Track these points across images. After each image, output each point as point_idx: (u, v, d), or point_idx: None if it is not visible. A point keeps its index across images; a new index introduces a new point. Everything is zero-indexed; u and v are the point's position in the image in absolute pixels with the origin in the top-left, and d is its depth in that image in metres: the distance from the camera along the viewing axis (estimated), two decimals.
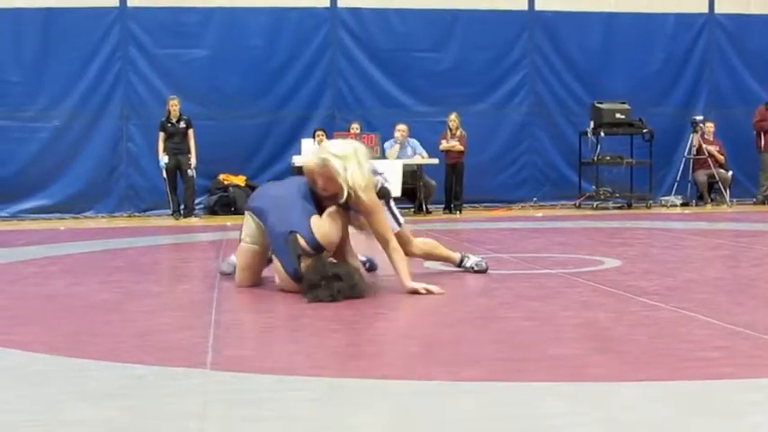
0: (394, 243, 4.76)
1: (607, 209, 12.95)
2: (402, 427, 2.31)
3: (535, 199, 14.03)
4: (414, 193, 12.83)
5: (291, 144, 13.40)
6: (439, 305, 4.54)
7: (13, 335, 3.70)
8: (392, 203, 5.23)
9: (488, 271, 5.37)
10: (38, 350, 3.37)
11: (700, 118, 13.85)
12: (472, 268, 5.40)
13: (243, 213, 5.10)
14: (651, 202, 13.47)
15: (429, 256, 5.50)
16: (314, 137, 13.05)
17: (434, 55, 14.05)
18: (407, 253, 5.04)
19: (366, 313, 4.28)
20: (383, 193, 5.05)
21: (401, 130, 12.97)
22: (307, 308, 4.29)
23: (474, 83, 14.01)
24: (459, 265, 5.46)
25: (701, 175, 13.72)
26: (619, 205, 13.31)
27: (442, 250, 5.50)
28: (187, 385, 2.88)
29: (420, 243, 5.36)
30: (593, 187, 13.39)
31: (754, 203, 13.67)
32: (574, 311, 4.12)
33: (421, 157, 12.94)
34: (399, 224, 5.18)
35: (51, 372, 3.09)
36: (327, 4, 13.91)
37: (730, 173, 13.84)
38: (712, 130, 13.86)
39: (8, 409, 2.58)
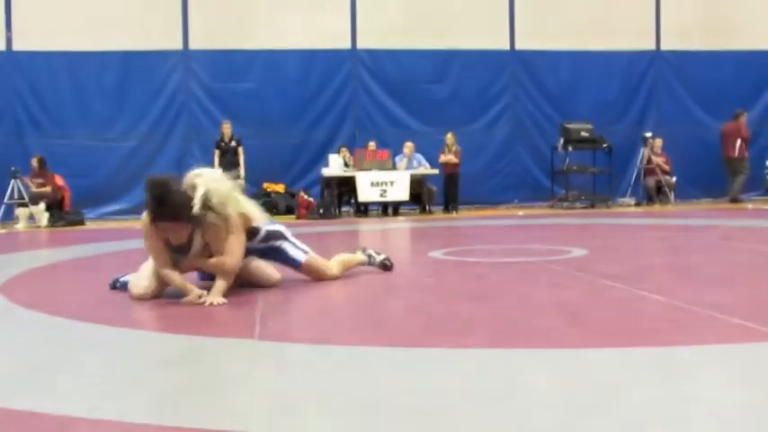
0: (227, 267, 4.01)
1: (575, 209, 12.91)
2: (415, 387, 2.30)
3: (516, 201, 14.01)
4: (419, 197, 12.82)
5: (321, 158, 13.43)
6: (441, 287, 4.53)
7: (100, 312, 3.71)
8: (291, 238, 4.53)
9: (478, 260, 5.32)
10: (116, 324, 3.36)
11: (649, 134, 13.81)
12: (385, 265, 4.89)
13: (283, 214, 5.02)
14: (610, 202, 13.41)
15: (347, 269, 4.75)
16: (338, 152, 13.08)
17: (435, 86, 14.05)
18: (329, 278, 4.49)
19: (380, 294, 4.27)
20: (276, 235, 4.43)
21: (408, 146, 12.97)
22: (334, 290, 4.27)
23: (467, 108, 14.01)
24: (369, 263, 4.90)
25: (651, 181, 13.66)
26: (584, 205, 13.25)
27: (353, 258, 4.82)
28: (238, 352, 2.88)
29: (334, 265, 4.62)
30: (564, 191, 13.35)
31: (730, 202, 13.53)
32: (550, 291, 4.11)
33: (424, 168, 12.94)
34: (306, 252, 4.52)
35: (127, 343, 3.10)
36: (349, 47, 13.90)
37: (674, 179, 13.79)
38: (660, 144, 13.80)
39: (100, 373, 2.58)
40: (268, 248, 4.45)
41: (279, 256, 4.49)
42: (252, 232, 4.27)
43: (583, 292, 4.05)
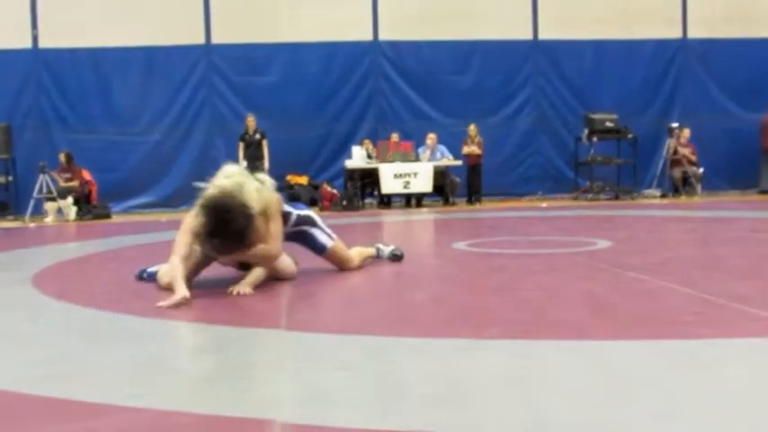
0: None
1: (599, 200, 12.84)
2: (440, 377, 2.32)
3: (540, 192, 13.96)
4: (442, 189, 12.82)
5: (344, 150, 13.48)
6: (464, 279, 4.54)
7: (129, 303, 3.76)
8: (320, 223, 4.60)
9: (501, 251, 5.32)
10: (145, 314, 3.41)
11: (675, 125, 13.67)
12: (395, 255, 4.97)
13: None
14: (635, 194, 13.32)
15: (364, 261, 4.83)
16: (361, 144, 13.11)
17: (457, 77, 14.01)
18: (348, 268, 4.58)
19: (404, 285, 4.29)
20: (308, 221, 4.51)
21: (431, 138, 12.97)
22: (358, 281, 4.30)
23: (489, 99, 13.96)
24: (378, 256, 4.99)
25: (677, 172, 13.54)
26: (608, 197, 13.18)
27: (367, 251, 4.91)
28: (266, 342, 2.91)
29: (355, 255, 4.72)
30: (588, 182, 13.28)
31: (759, 193, 13.40)
32: (575, 283, 4.10)
33: (447, 160, 12.93)
34: (332, 239, 4.59)
35: (156, 332, 3.15)
36: (370, 38, 13.90)
37: (701, 170, 13.65)
38: (686, 134, 13.68)
39: (130, 362, 2.62)
40: (297, 232, 4.49)
41: (305, 240, 4.54)
42: (284, 217, 4.30)
43: (608, 283, 4.04)
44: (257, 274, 4.02)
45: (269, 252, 4.00)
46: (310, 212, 4.61)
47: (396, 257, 4.98)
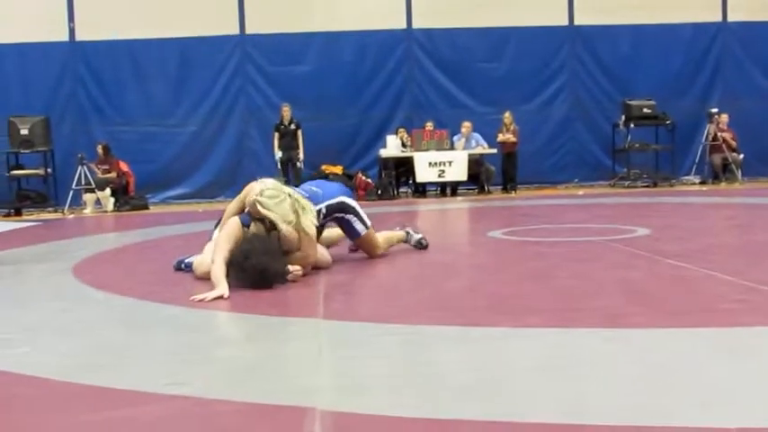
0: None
1: (636, 187, 12.68)
2: (476, 365, 2.31)
3: (576, 180, 13.82)
4: (477, 177, 12.76)
5: (378, 139, 13.47)
6: (500, 267, 4.51)
7: (168, 292, 3.80)
8: (360, 212, 4.70)
9: (537, 239, 5.29)
10: (184, 304, 3.45)
11: (715, 110, 13.43)
12: (420, 244, 5.05)
13: None
14: (674, 181, 13.12)
15: (390, 245, 4.98)
16: (396, 133, 13.09)
17: (491, 65, 13.90)
18: (376, 255, 4.73)
19: (440, 274, 4.28)
20: (348, 209, 4.62)
21: (466, 126, 12.90)
22: (394, 269, 4.30)
23: (524, 86, 13.83)
24: (407, 241, 5.09)
25: (717, 158, 13.30)
26: (646, 184, 13.00)
27: (394, 235, 5.05)
28: (304, 331, 2.93)
29: (383, 242, 4.86)
30: (625, 169, 13.12)
31: None
32: (612, 271, 4.05)
33: (482, 148, 12.86)
34: (367, 226, 4.70)
35: (195, 322, 3.18)
36: (404, 26, 13.85)
37: (741, 156, 13.39)
38: (726, 119, 13.43)
39: (170, 351, 2.66)
40: (336, 218, 4.63)
41: (342, 224, 4.69)
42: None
43: (647, 271, 3.99)
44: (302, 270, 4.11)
45: (306, 260, 4.15)
46: (343, 198, 4.64)
47: (420, 246, 5.05)
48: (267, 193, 4.07)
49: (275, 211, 4.02)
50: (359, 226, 4.67)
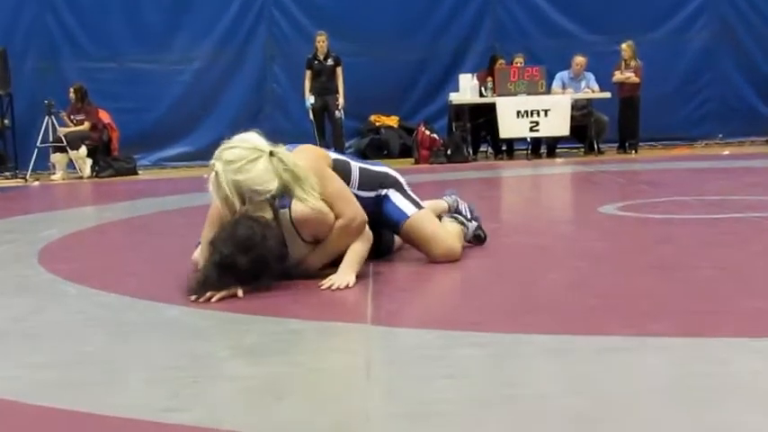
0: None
1: None
2: (584, 386, 2.31)
3: (721, 135, 13.67)
4: (584, 132, 12.65)
5: (448, 80, 13.43)
6: (614, 253, 4.49)
7: (165, 288, 3.86)
8: (406, 187, 4.31)
9: (665, 216, 5.24)
10: (185, 303, 3.49)
11: None
12: (478, 237, 4.64)
13: (396, 157, 5.00)
14: None
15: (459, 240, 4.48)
16: (473, 72, 12.98)
17: None
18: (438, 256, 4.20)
19: (530, 265, 4.27)
20: (389, 182, 4.24)
21: (579, 63, 12.74)
22: (464, 259, 4.29)
23: (650, 7, 13.65)
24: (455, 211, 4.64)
25: None
26: None
27: (439, 206, 4.58)
28: (347, 340, 2.95)
29: (454, 239, 4.37)
30: None
31: None
32: (766, 260, 3.99)
33: (591, 92, 12.73)
34: (418, 207, 4.25)
35: (203, 327, 3.22)
36: None
37: None
38: None
39: (170, 365, 2.70)
40: (373, 198, 4.19)
41: (379, 208, 4.21)
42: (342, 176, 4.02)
43: None
44: (356, 251, 3.84)
45: (350, 224, 3.81)
46: (391, 171, 4.35)
47: (478, 239, 4.66)
48: (227, 154, 3.71)
49: (242, 180, 3.66)
50: (405, 205, 4.19)
